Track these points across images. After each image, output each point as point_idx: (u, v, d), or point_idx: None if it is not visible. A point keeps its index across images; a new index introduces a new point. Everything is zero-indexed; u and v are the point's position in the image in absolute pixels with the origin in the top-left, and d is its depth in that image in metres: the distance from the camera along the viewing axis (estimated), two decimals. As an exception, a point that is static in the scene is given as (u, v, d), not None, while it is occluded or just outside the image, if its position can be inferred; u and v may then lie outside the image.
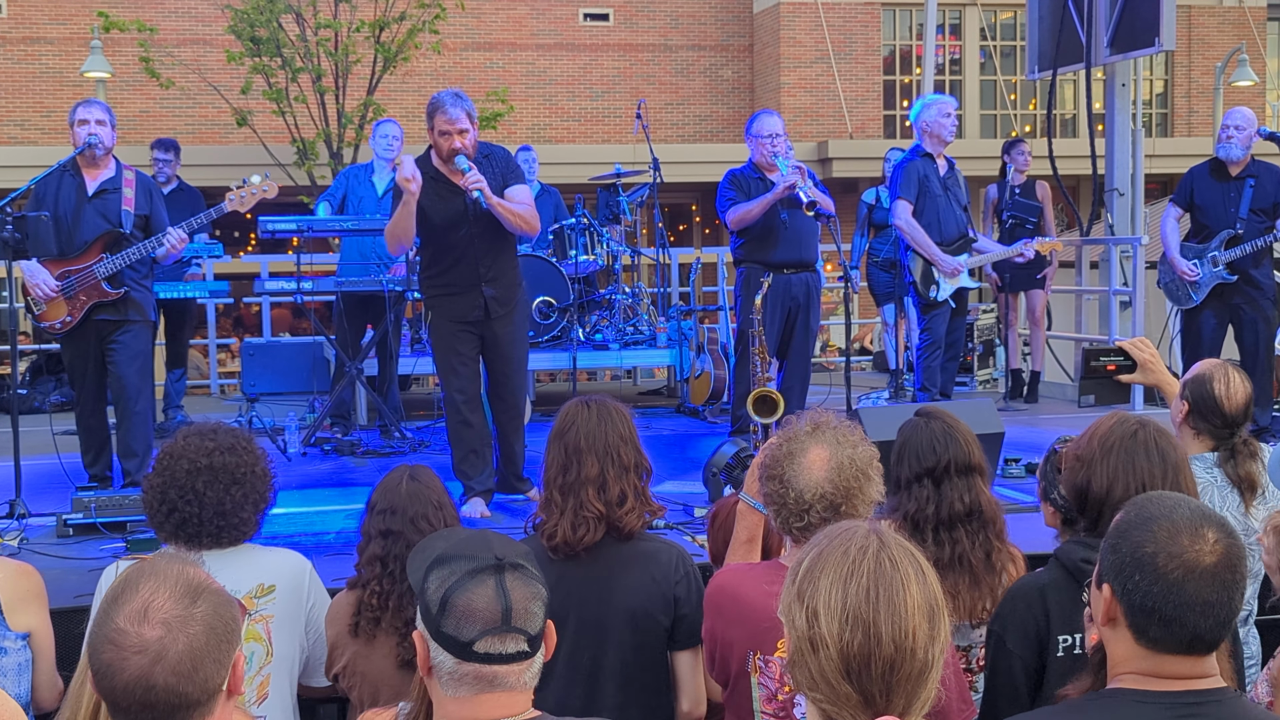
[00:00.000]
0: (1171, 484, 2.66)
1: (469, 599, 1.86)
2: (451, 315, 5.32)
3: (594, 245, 8.50)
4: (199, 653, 1.76)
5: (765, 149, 6.58)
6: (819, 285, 6.88)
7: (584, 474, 3.07)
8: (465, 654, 1.86)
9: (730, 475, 5.17)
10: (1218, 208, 7.07)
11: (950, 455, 3.09)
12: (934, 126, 7.46)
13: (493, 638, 1.85)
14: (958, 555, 3.06)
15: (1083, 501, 2.76)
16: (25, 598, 3.15)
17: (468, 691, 1.88)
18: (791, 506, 2.54)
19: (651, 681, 3.12)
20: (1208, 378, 3.54)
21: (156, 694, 1.74)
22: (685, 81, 20.37)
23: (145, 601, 1.77)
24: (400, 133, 7.73)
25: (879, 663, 1.65)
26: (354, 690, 3.10)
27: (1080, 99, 18.79)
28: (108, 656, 1.75)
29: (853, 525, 1.79)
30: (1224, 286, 7.02)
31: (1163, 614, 1.85)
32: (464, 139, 5.12)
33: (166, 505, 3.04)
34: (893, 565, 1.70)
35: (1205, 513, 1.92)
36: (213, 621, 1.79)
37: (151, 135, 8.89)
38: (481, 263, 5.27)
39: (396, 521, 3.06)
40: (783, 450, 2.59)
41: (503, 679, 1.87)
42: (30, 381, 9.16)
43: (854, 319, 6.85)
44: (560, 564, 3.07)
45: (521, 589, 1.89)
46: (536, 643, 1.90)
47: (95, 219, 5.57)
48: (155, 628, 1.75)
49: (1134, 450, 2.71)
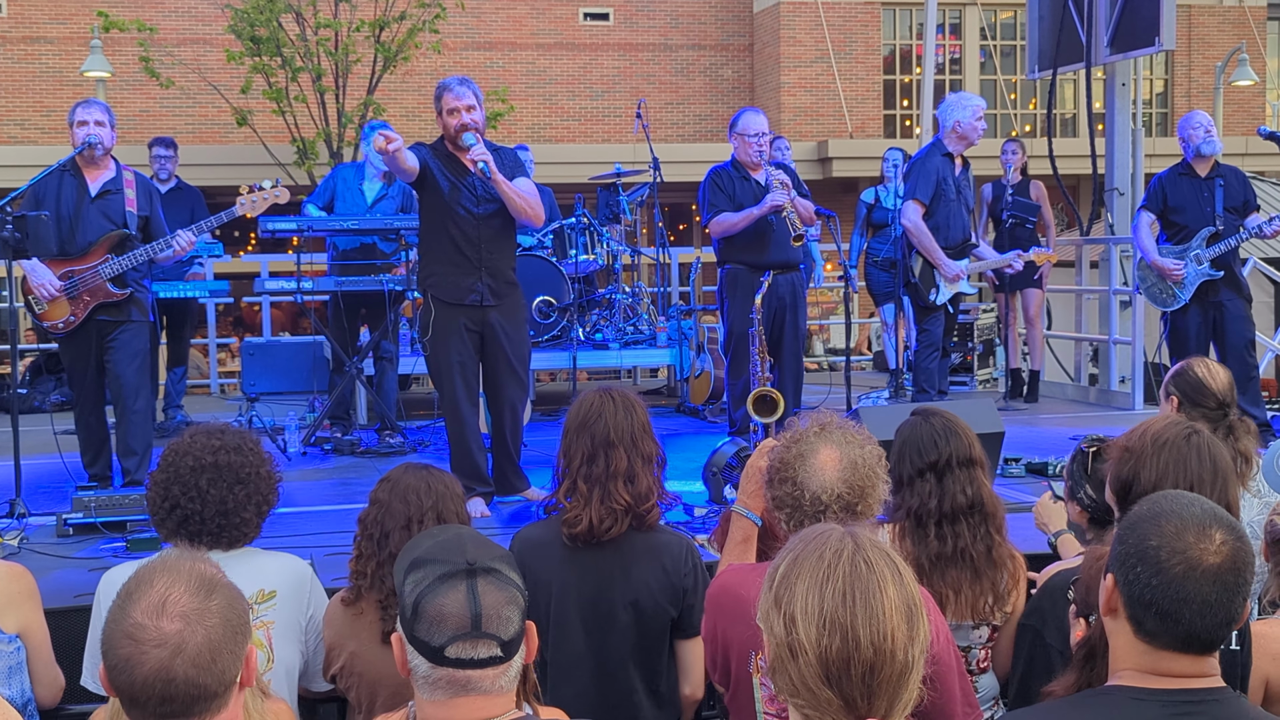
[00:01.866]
0: (1220, 492, 2.63)
1: (440, 604, 1.86)
2: (450, 299, 5.31)
3: (594, 245, 8.50)
4: (216, 645, 1.77)
5: (751, 149, 6.57)
6: (804, 285, 6.87)
7: (614, 467, 3.12)
8: (437, 658, 1.86)
9: (729, 475, 5.18)
10: (1194, 207, 7.11)
11: (952, 449, 3.10)
12: (967, 129, 7.37)
13: (463, 643, 1.86)
14: (960, 549, 3.06)
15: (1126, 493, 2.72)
16: (16, 600, 3.15)
17: (443, 695, 1.89)
18: (807, 508, 2.52)
19: (656, 666, 3.19)
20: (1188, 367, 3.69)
21: (176, 687, 1.74)
22: (685, 81, 20.36)
23: (162, 595, 1.77)
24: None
25: (858, 666, 1.64)
26: (352, 690, 3.11)
27: (1080, 99, 18.79)
28: (126, 651, 1.75)
29: (827, 529, 1.78)
30: (1207, 285, 7.05)
31: (1160, 608, 1.86)
32: (471, 115, 5.22)
33: (169, 501, 3.04)
34: (868, 567, 1.69)
35: (1217, 514, 1.91)
36: (227, 614, 1.80)
37: (151, 135, 8.86)
38: (483, 248, 5.31)
39: (385, 491, 3.08)
40: (792, 452, 2.57)
41: (476, 683, 1.88)
42: (30, 381, 9.16)
43: (854, 319, 6.85)
44: (575, 551, 3.13)
45: (494, 594, 1.88)
46: (511, 647, 1.90)
47: (99, 220, 5.57)
48: (174, 621, 1.75)
49: (1187, 451, 2.69)
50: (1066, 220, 13.64)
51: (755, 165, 6.54)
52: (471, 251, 5.32)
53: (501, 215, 5.38)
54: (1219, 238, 7.01)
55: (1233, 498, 2.71)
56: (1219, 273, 7.02)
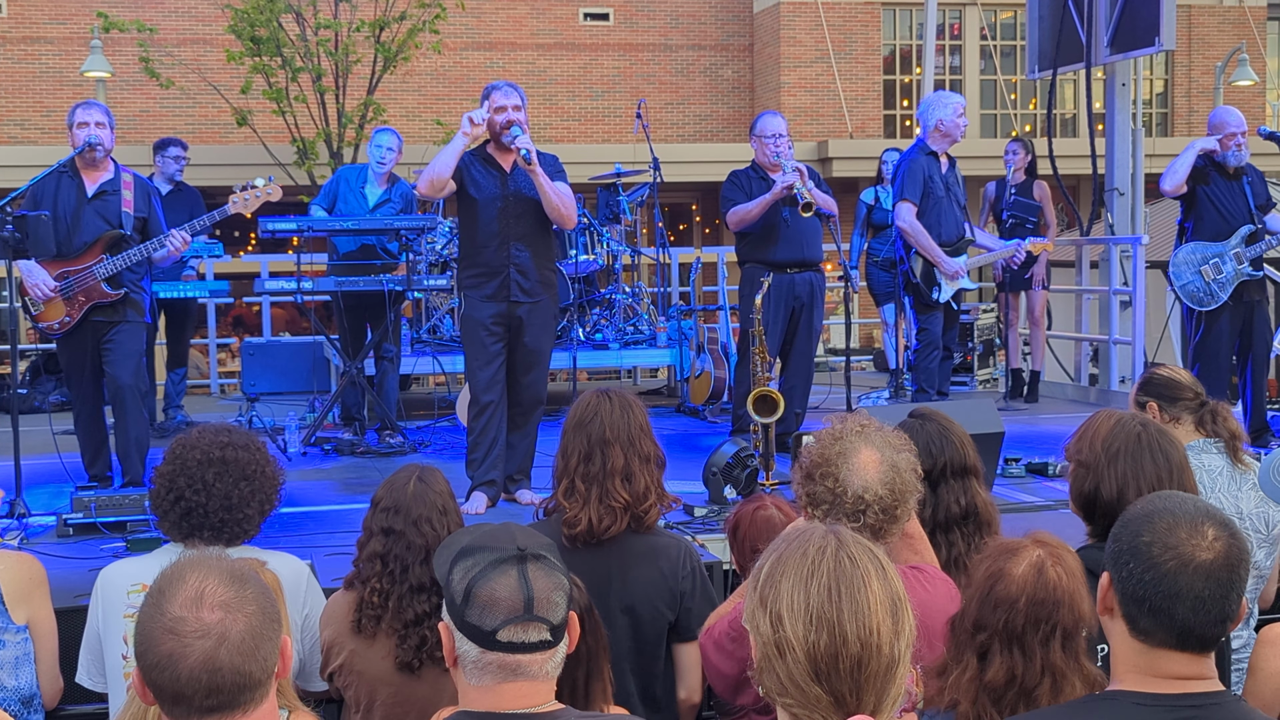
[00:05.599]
0: (1177, 484, 2.67)
1: (492, 588, 1.91)
2: (481, 297, 5.39)
3: (594, 245, 8.50)
4: (258, 632, 1.76)
5: (768, 149, 6.59)
6: (823, 285, 6.86)
7: (610, 465, 3.13)
8: (489, 643, 1.90)
9: (729, 475, 5.17)
10: (1232, 203, 6.93)
11: (946, 458, 3.07)
12: (949, 126, 7.35)
13: (515, 626, 1.90)
14: (954, 558, 3.03)
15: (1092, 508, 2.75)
16: (27, 588, 3.17)
17: (491, 680, 1.92)
18: (847, 507, 2.51)
19: (651, 670, 3.19)
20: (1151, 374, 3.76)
21: (223, 676, 1.72)
22: (685, 81, 20.36)
23: (198, 588, 1.76)
24: (398, 143, 7.51)
25: (846, 661, 1.65)
26: (349, 690, 3.09)
27: (1080, 99, 18.78)
28: (168, 646, 1.73)
29: (811, 527, 1.79)
30: (1243, 285, 6.86)
31: (1152, 604, 1.86)
32: (518, 114, 5.38)
33: (174, 493, 3.05)
34: (852, 563, 1.70)
35: (1209, 511, 1.93)
36: (263, 602, 1.80)
37: (151, 135, 8.87)
38: (514, 245, 5.38)
39: (399, 521, 3.06)
40: (834, 449, 2.56)
41: (526, 668, 1.91)
42: (30, 381, 9.16)
43: (854, 319, 6.85)
44: (573, 553, 3.12)
45: (544, 579, 1.93)
46: (559, 632, 1.94)
47: (95, 220, 5.56)
48: (214, 610, 1.74)
49: (1140, 454, 2.70)
50: (1067, 220, 13.64)
51: (774, 167, 6.56)
52: (501, 250, 5.38)
53: (537, 216, 5.45)
54: (1258, 236, 6.85)
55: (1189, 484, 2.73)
56: (1259, 273, 6.86)
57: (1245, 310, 6.95)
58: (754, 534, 3.19)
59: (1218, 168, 6.99)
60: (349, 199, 7.45)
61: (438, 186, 5.35)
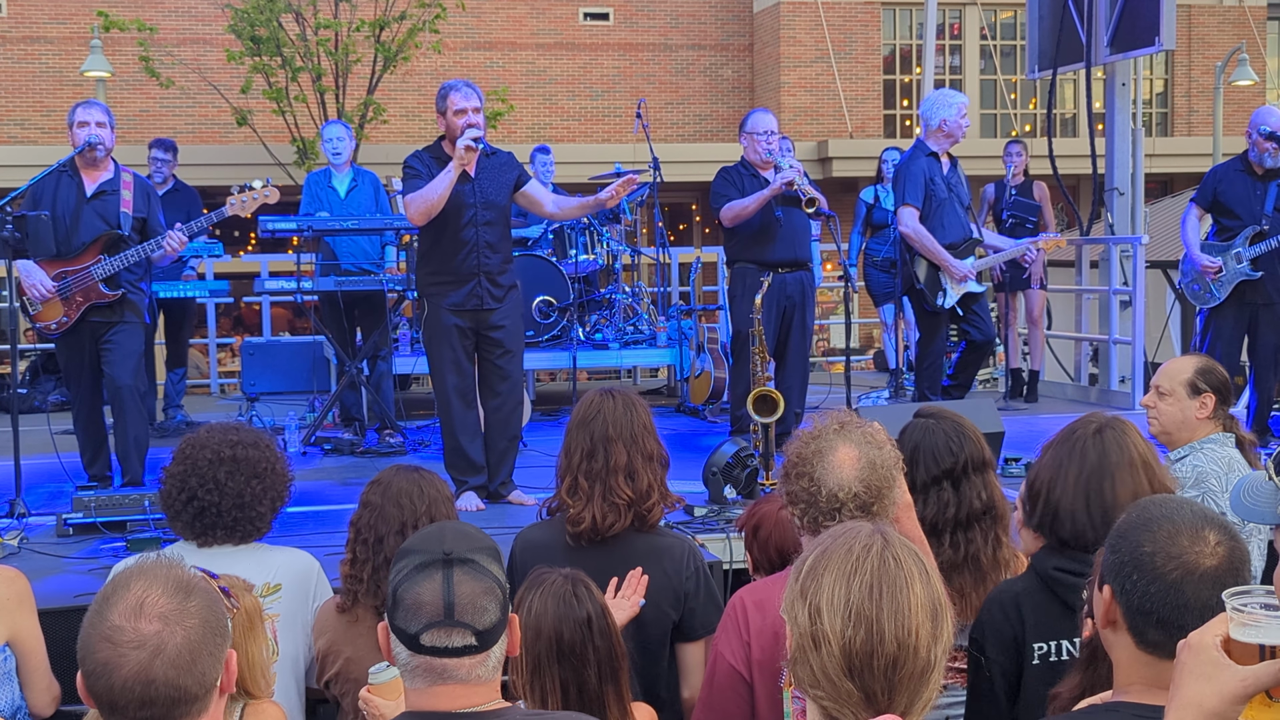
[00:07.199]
0: (1095, 488, 2.60)
1: (417, 592, 1.91)
2: (449, 304, 5.39)
3: (594, 245, 8.50)
4: (196, 646, 1.75)
5: (759, 146, 6.55)
6: (814, 284, 6.83)
7: (613, 462, 3.13)
8: (414, 646, 1.90)
9: (729, 475, 5.17)
10: (1243, 203, 6.90)
11: (966, 454, 3.04)
12: (952, 126, 7.06)
13: (437, 630, 1.89)
14: (971, 555, 3.01)
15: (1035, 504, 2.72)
16: (7, 606, 3.07)
17: (422, 683, 1.92)
18: (823, 505, 2.50)
19: (655, 671, 3.19)
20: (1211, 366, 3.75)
21: (156, 689, 1.72)
22: (685, 81, 20.36)
23: (139, 598, 1.75)
24: (347, 132, 7.66)
25: (881, 659, 1.65)
26: (347, 697, 3.09)
27: (1080, 98, 18.78)
28: (104, 655, 1.73)
29: (857, 525, 1.79)
30: (1245, 285, 6.84)
31: (1160, 616, 1.83)
32: (478, 116, 5.35)
33: (186, 493, 3.05)
34: (896, 564, 1.70)
35: (1207, 515, 1.89)
36: (207, 616, 1.78)
37: (151, 135, 8.85)
38: (482, 252, 5.39)
39: (377, 494, 3.08)
40: (811, 448, 2.56)
41: (452, 672, 1.90)
42: (30, 381, 9.16)
43: (854, 319, 6.83)
44: (577, 552, 3.11)
45: (469, 584, 1.91)
46: (487, 637, 1.92)
47: (94, 220, 5.56)
48: (152, 622, 1.73)
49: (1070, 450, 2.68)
50: (1066, 220, 13.64)
51: (764, 164, 6.52)
52: (470, 256, 5.38)
53: (499, 219, 5.45)
54: (1263, 237, 6.81)
55: (1108, 490, 2.64)
56: (1257, 273, 6.81)
57: (1250, 311, 6.94)
58: (780, 534, 3.16)
59: (1247, 166, 6.95)
60: (323, 197, 7.54)
61: (432, 216, 5.35)
